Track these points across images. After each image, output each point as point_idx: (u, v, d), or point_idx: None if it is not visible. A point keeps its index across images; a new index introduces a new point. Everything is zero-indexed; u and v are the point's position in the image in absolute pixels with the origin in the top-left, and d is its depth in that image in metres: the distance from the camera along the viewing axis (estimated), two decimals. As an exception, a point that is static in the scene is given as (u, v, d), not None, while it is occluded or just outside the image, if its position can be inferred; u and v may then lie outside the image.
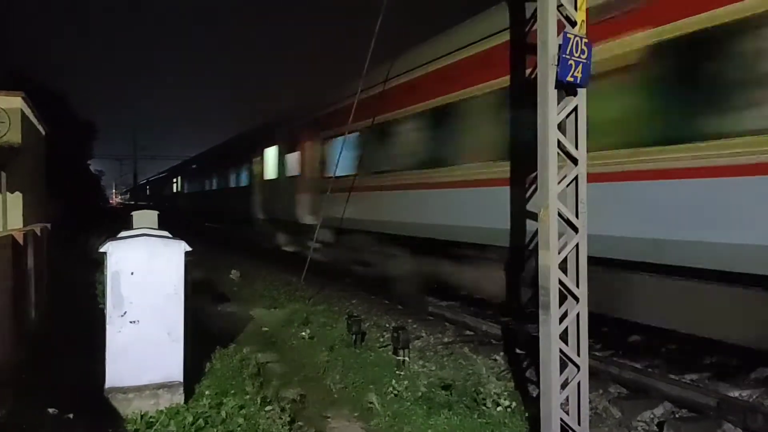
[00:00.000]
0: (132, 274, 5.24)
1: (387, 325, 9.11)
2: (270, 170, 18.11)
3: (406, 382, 6.08)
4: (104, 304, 5.35)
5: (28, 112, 11.62)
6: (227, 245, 22.32)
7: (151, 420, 4.96)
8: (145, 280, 5.28)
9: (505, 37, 7.35)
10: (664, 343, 7.48)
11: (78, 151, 34.93)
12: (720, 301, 5.37)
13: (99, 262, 8.21)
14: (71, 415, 4.79)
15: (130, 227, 8.89)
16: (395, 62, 10.72)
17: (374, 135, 11.14)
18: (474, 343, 8.15)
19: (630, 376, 6.35)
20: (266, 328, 8.79)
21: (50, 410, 4.79)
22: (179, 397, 5.30)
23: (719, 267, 5.10)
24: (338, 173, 11.91)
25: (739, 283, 5.10)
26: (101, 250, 5.27)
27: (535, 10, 4.77)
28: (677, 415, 5.60)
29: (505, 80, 7.43)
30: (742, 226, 4.93)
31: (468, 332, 8.95)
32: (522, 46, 6.65)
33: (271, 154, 18.05)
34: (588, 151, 4.92)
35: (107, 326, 5.17)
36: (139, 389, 5.17)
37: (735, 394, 5.86)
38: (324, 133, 13.80)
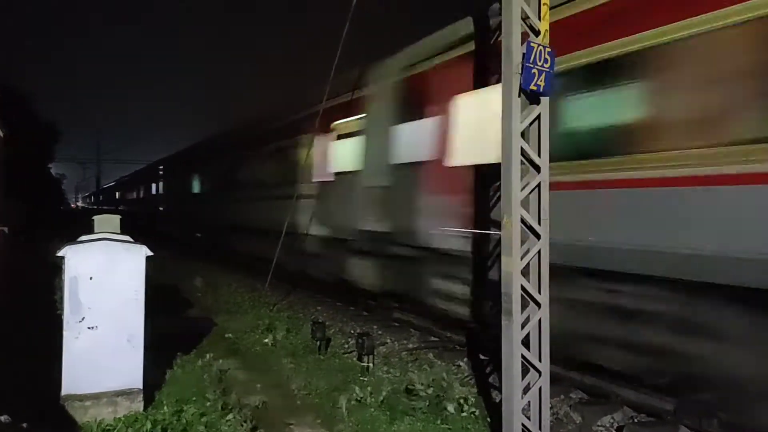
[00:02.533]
0: (91, 279, 5.13)
1: (352, 332, 9.09)
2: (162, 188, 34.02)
3: (370, 389, 6.07)
4: (62, 309, 5.24)
5: (-15, 113, 11.33)
6: (192, 252, 22.05)
7: (108, 428, 4.86)
8: (104, 285, 5.17)
9: None
10: (623, 350, 7.59)
11: (39, 154, 34.16)
12: None
13: (58, 267, 8.04)
14: (25, 424, 4.66)
15: (91, 232, 8.72)
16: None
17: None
18: (438, 349, 8.18)
19: (590, 381, 6.44)
20: (229, 335, 8.68)
21: (2, 418, 4.65)
22: (138, 405, 5.20)
23: None
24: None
25: None
26: (59, 254, 5.15)
27: (499, 23, 4.83)
28: (636, 420, 5.70)
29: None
30: None
31: (433, 338, 8.98)
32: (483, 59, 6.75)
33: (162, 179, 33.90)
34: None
35: (64, 332, 5.05)
36: (96, 396, 5.06)
37: (692, 398, 5.98)
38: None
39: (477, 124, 7.32)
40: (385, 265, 9.68)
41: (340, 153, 11.23)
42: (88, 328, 5.10)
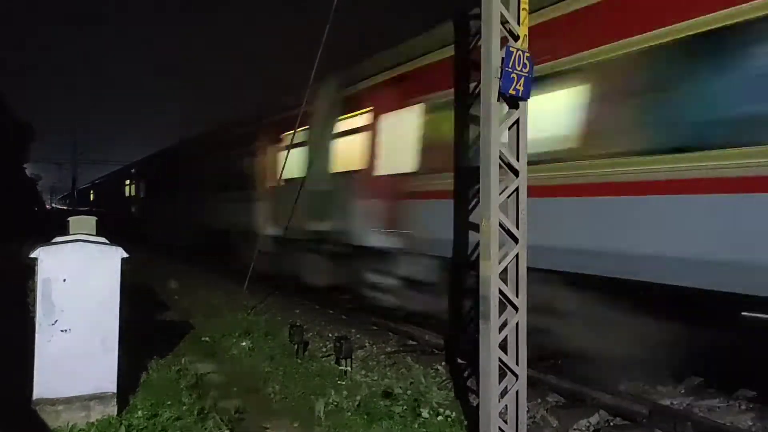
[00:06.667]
0: (64, 281, 5.04)
1: (330, 335, 9.06)
2: (129, 191, 37.54)
3: (347, 392, 6.05)
4: (35, 311, 5.15)
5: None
6: (169, 253, 21.85)
7: (80, 432, 4.78)
8: (78, 287, 5.08)
9: None
10: (600, 354, 7.65)
11: (13, 154, 33.65)
12: None
13: (32, 269, 7.91)
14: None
15: (66, 233, 8.59)
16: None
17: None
18: (417, 353, 8.18)
19: (567, 385, 6.49)
20: (206, 338, 8.61)
21: None
22: (112, 409, 5.13)
23: None
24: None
25: None
26: (32, 255, 5.06)
27: (479, 28, 4.85)
28: (611, 423, 5.75)
29: None
30: None
31: (411, 342, 8.98)
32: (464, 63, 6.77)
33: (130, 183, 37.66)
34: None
35: (36, 335, 4.95)
36: (69, 401, 4.97)
37: (666, 402, 6.06)
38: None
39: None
40: None
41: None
42: (62, 330, 5.00)
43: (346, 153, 10.46)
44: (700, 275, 4.96)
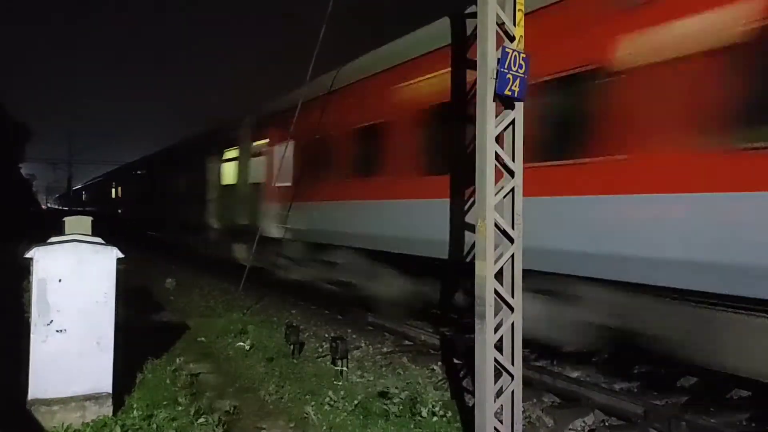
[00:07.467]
0: (60, 281, 5.03)
1: (326, 335, 9.05)
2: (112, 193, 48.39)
3: (343, 393, 6.05)
4: (30, 312, 5.14)
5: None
6: (165, 253, 21.82)
7: (75, 433, 4.77)
8: (73, 287, 5.08)
9: None
10: (596, 354, 7.67)
11: (8, 154, 33.59)
12: None
13: (27, 269, 7.89)
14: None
15: (61, 233, 8.56)
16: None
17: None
18: (413, 353, 8.19)
19: (563, 385, 6.50)
20: (202, 338, 8.59)
21: None
22: (107, 409, 5.12)
23: None
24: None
25: None
26: (27, 255, 5.05)
27: (475, 27, 4.86)
28: (607, 423, 5.76)
29: None
30: None
31: (407, 342, 8.99)
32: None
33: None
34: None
35: (32, 335, 4.95)
36: (64, 401, 4.97)
37: (661, 402, 6.07)
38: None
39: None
40: None
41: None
42: (57, 331, 5.00)
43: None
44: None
